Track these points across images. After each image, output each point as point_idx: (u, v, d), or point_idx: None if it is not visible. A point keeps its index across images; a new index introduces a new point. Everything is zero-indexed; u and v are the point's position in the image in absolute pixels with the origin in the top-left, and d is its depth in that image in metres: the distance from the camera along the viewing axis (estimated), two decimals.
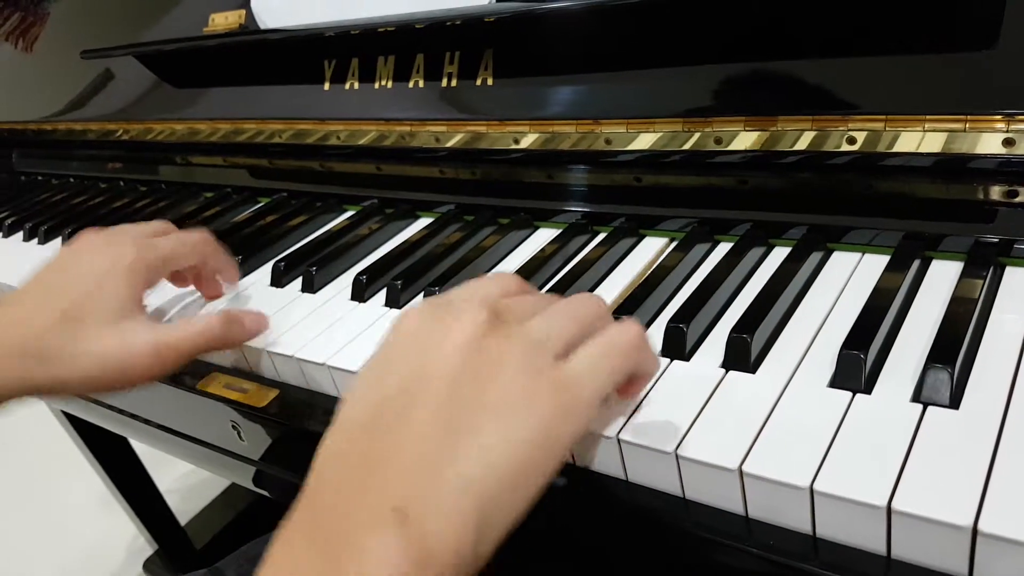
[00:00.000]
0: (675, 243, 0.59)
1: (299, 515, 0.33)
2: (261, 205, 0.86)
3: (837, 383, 0.40)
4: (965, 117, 0.47)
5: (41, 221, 0.94)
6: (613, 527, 0.42)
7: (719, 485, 0.37)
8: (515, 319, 0.36)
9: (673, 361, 0.45)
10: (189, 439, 0.67)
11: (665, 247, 0.60)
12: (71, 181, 1.13)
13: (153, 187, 1.00)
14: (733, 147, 0.55)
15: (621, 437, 0.40)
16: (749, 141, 0.55)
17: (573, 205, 0.65)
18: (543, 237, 0.65)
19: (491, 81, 0.65)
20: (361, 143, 0.76)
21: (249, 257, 0.71)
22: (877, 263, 0.50)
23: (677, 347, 0.46)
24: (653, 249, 0.59)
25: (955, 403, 0.38)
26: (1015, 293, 0.45)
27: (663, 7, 0.56)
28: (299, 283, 0.66)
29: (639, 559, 0.42)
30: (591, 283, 0.56)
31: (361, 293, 0.61)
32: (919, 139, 0.49)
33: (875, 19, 0.50)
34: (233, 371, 0.60)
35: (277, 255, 0.71)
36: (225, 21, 0.80)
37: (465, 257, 0.62)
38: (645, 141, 0.59)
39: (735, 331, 0.44)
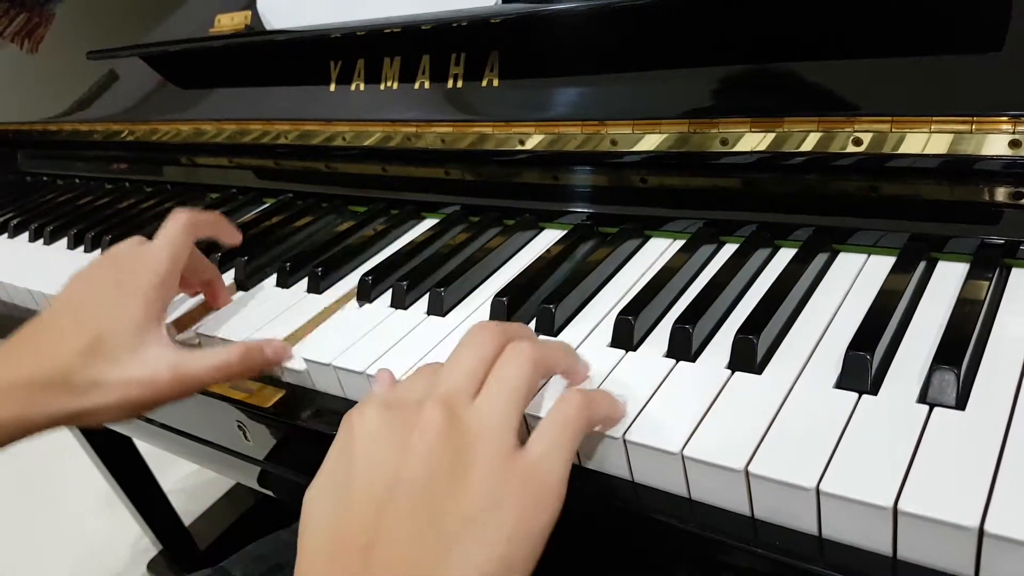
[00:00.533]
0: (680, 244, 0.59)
1: None
2: (267, 206, 0.87)
3: (843, 384, 0.40)
4: (971, 119, 0.47)
5: (47, 222, 0.95)
6: (619, 527, 0.42)
7: (725, 485, 0.38)
8: (467, 404, 0.36)
9: (679, 362, 0.45)
10: (195, 439, 0.67)
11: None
12: (76, 182, 1.14)
13: (159, 188, 1.01)
14: (739, 148, 0.55)
15: (627, 438, 0.40)
16: (755, 142, 0.55)
17: (578, 206, 0.65)
18: (549, 238, 0.66)
19: (497, 82, 0.65)
20: (367, 144, 0.76)
21: (255, 258, 0.71)
22: (883, 264, 0.50)
23: (683, 348, 0.46)
24: (657, 250, 0.59)
25: (961, 404, 0.38)
26: (1021, 294, 0.45)
27: (669, 8, 0.56)
28: (305, 284, 0.66)
29: (644, 559, 0.43)
30: (596, 284, 0.56)
31: (367, 294, 0.61)
32: (925, 140, 0.49)
33: (881, 20, 0.50)
34: None
35: (283, 256, 0.71)
36: (231, 22, 0.80)
37: (471, 258, 0.63)
38: (651, 142, 0.59)
39: (741, 332, 0.44)
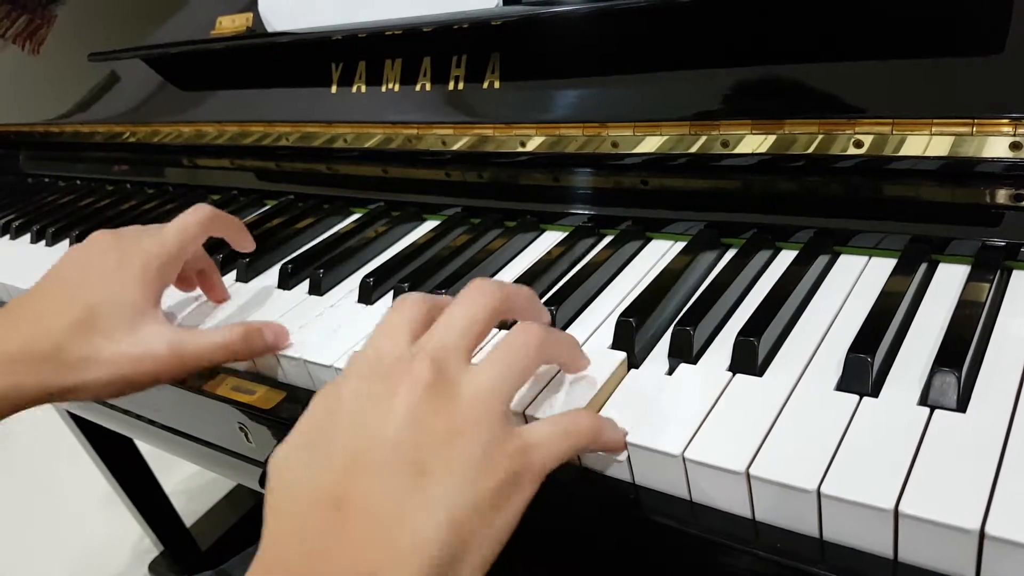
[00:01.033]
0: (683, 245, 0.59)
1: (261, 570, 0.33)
2: (268, 207, 0.87)
3: (844, 386, 0.41)
4: (972, 121, 0.47)
5: (48, 223, 0.95)
6: (619, 529, 0.42)
7: (726, 488, 0.38)
8: (460, 365, 0.36)
9: (680, 364, 0.45)
10: (196, 440, 0.67)
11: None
12: (78, 183, 1.14)
13: (160, 189, 1.01)
14: (740, 150, 0.55)
15: (628, 440, 0.40)
16: (756, 144, 0.55)
17: (579, 208, 0.65)
18: (550, 240, 0.66)
19: (498, 84, 0.65)
20: (368, 146, 0.76)
21: (257, 259, 0.71)
22: (884, 266, 0.50)
23: (684, 350, 0.46)
24: (659, 252, 0.59)
25: (962, 406, 0.38)
26: (1022, 296, 0.45)
27: (670, 10, 0.56)
28: (306, 285, 0.66)
29: (645, 561, 0.43)
30: (597, 286, 0.56)
31: (368, 295, 0.61)
32: (926, 143, 0.49)
33: (881, 23, 0.50)
34: (241, 373, 0.60)
35: (285, 257, 0.72)
36: (232, 24, 0.80)
37: (472, 259, 0.63)
38: (652, 144, 0.59)
39: (742, 334, 0.44)
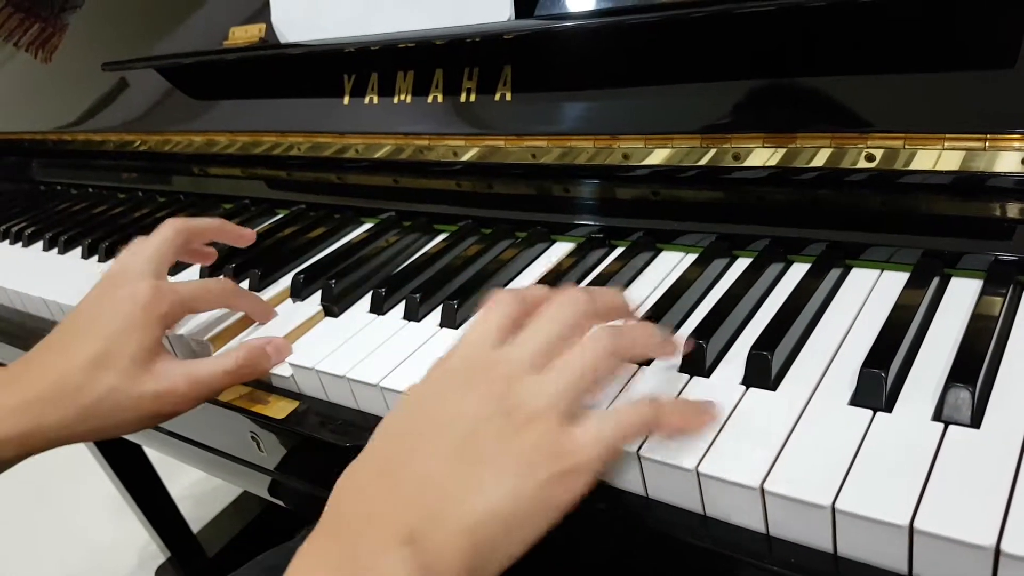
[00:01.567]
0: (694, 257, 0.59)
1: (320, 533, 0.37)
2: (280, 217, 0.87)
3: (858, 401, 0.41)
4: (984, 136, 0.47)
5: (61, 231, 0.95)
6: (632, 542, 0.42)
7: (740, 502, 0.38)
8: (529, 377, 0.39)
9: (693, 377, 0.45)
10: (207, 448, 0.68)
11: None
12: (90, 191, 1.14)
13: (171, 197, 1.01)
14: (751, 163, 0.56)
15: (641, 453, 0.40)
16: (767, 157, 0.55)
17: (590, 219, 0.66)
18: (560, 250, 0.66)
19: (509, 96, 0.66)
20: (379, 156, 0.76)
21: (270, 270, 0.71)
22: (896, 280, 0.50)
23: (697, 363, 0.46)
24: (670, 263, 0.60)
25: (976, 422, 0.38)
26: None
27: (681, 25, 0.57)
28: (319, 296, 0.66)
29: (658, 574, 0.43)
30: None
31: (380, 306, 0.61)
32: (937, 157, 0.49)
33: (893, 37, 0.50)
34: (253, 383, 0.60)
35: (297, 267, 0.72)
36: (245, 35, 0.80)
37: (483, 270, 0.63)
38: (663, 156, 0.59)
39: (755, 348, 0.44)
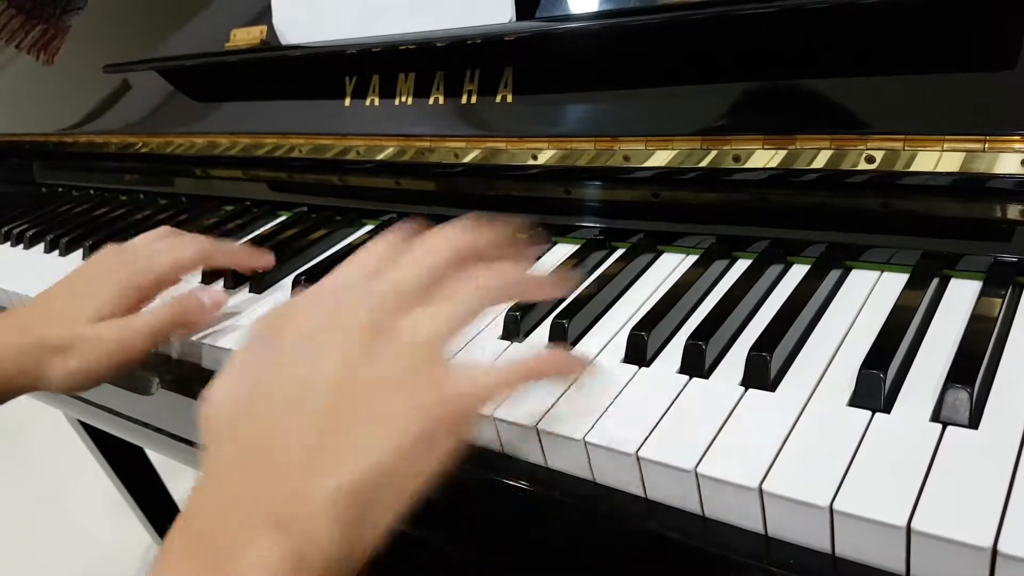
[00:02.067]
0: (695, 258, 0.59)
1: (180, 527, 0.34)
2: (281, 219, 0.87)
3: (856, 402, 0.41)
4: (984, 138, 0.47)
5: (62, 233, 0.96)
6: (631, 543, 0.43)
7: (738, 503, 0.38)
8: (404, 312, 0.37)
9: (692, 378, 0.45)
10: None
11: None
12: (91, 193, 1.14)
13: (173, 200, 1.02)
14: (751, 165, 0.56)
15: (640, 454, 0.40)
16: (767, 159, 0.55)
17: (591, 221, 0.66)
18: (561, 252, 0.66)
19: (511, 98, 0.66)
20: (380, 158, 0.76)
21: (271, 271, 0.71)
22: (896, 281, 0.50)
23: (696, 365, 0.46)
24: (670, 265, 0.60)
25: (974, 423, 0.38)
26: None
27: (682, 27, 0.57)
28: None
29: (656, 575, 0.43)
30: (609, 298, 0.56)
31: None
32: (937, 158, 0.49)
33: (893, 39, 0.50)
34: None
35: (298, 269, 0.72)
36: (247, 37, 0.81)
37: None
38: (663, 158, 0.59)
39: (754, 349, 0.44)
